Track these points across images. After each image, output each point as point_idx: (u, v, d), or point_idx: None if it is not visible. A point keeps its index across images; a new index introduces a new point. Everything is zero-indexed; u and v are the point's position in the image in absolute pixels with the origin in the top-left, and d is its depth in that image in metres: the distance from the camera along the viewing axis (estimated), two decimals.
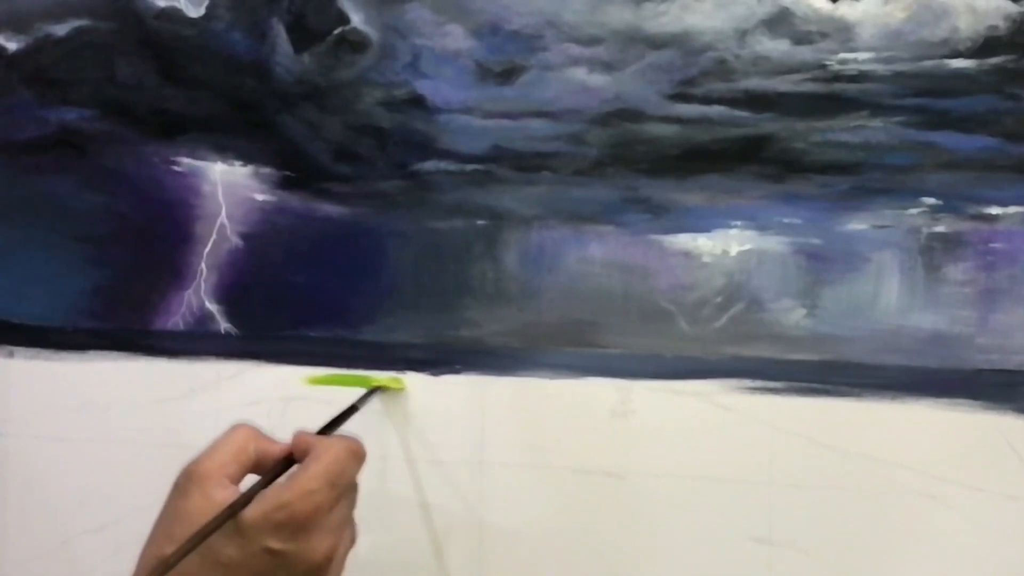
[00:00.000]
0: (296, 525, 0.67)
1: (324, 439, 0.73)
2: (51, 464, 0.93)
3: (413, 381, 0.89)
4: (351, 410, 0.81)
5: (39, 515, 0.93)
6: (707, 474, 0.84)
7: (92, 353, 0.94)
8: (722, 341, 0.84)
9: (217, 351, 0.92)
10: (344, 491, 0.71)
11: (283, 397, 0.91)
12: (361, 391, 0.86)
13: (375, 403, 0.88)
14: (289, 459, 0.72)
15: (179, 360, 0.93)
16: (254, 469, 0.72)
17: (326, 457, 0.70)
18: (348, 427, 0.82)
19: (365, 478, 0.74)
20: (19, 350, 0.95)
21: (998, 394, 0.80)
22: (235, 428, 0.73)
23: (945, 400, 0.81)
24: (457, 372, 0.89)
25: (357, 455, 0.73)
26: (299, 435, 0.74)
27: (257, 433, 0.73)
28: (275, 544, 0.66)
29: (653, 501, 0.85)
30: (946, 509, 0.80)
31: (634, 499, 0.85)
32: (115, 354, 0.94)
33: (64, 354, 0.95)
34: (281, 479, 0.70)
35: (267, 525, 0.66)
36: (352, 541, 0.74)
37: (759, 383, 0.84)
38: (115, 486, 0.92)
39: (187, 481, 0.68)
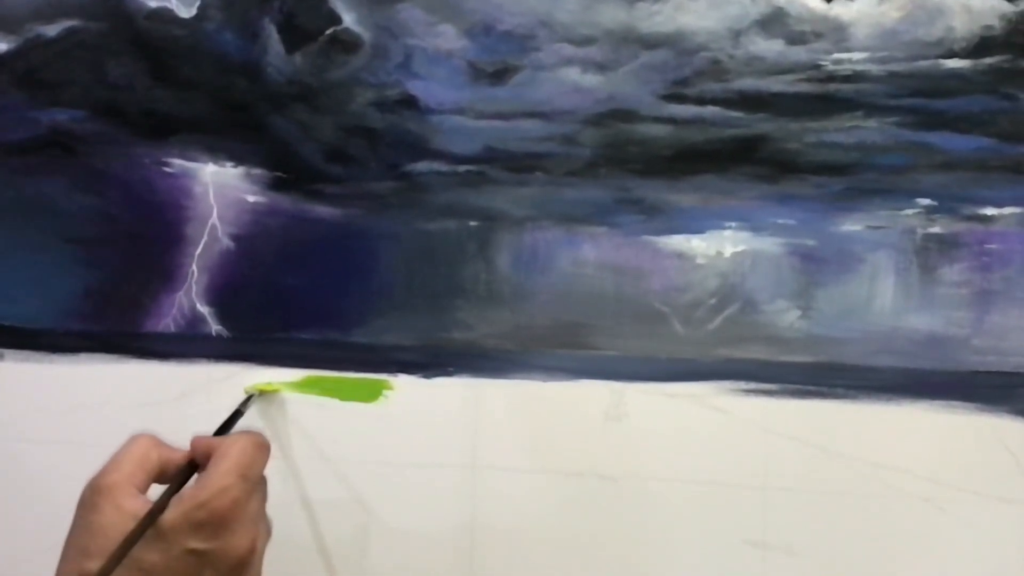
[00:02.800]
0: (216, 522, 0.67)
1: (227, 437, 0.74)
2: (41, 467, 0.92)
3: (405, 383, 0.88)
4: (237, 415, 0.82)
5: (29, 518, 0.91)
6: (701, 477, 0.84)
7: (83, 355, 0.92)
8: (716, 343, 0.83)
9: (208, 353, 0.91)
10: (256, 484, 0.71)
11: (275, 400, 0.89)
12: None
13: (368, 406, 0.87)
14: (192, 464, 0.72)
15: (170, 362, 0.91)
16: (159, 478, 0.72)
17: (233, 452, 0.70)
18: (355, 431, 0.85)
19: (359, 481, 0.73)
20: (9, 352, 0.94)
21: (994, 396, 0.79)
22: (135, 438, 0.73)
23: (940, 402, 0.80)
24: (450, 374, 0.87)
25: (263, 447, 0.73)
26: (197, 439, 0.74)
27: (158, 441, 0.73)
28: (197, 544, 0.66)
29: (647, 504, 0.84)
30: (941, 512, 0.80)
31: (628, 502, 0.85)
32: (106, 356, 0.92)
33: (54, 356, 0.93)
34: (190, 482, 0.70)
35: (187, 526, 0.66)
36: (268, 534, 0.74)
37: (753, 385, 0.83)
38: None
39: (95, 495, 0.68)
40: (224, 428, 0.79)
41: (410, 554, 0.87)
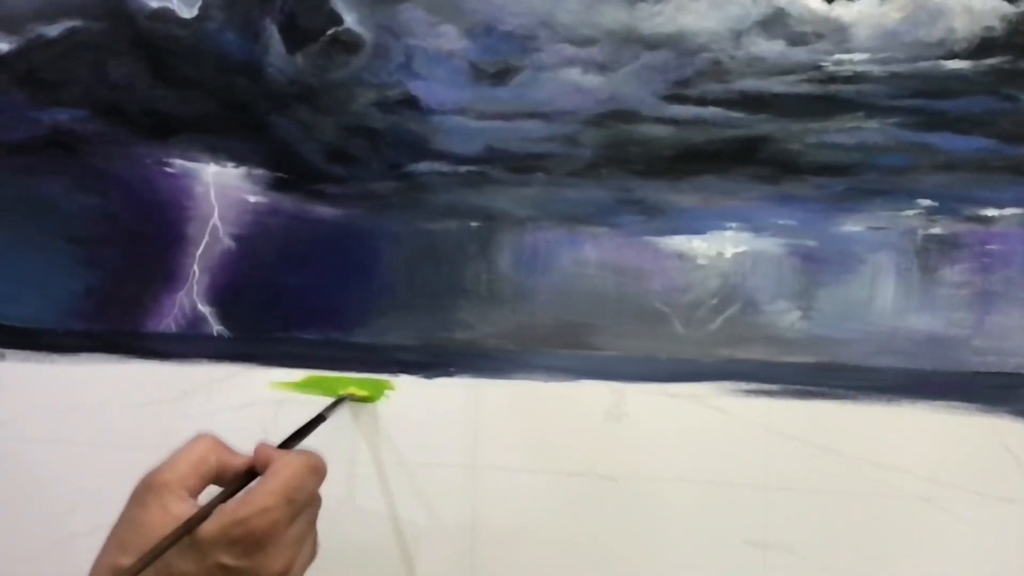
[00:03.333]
0: (252, 541, 0.66)
1: (284, 454, 0.72)
2: (42, 466, 0.92)
3: (406, 383, 0.88)
4: (318, 419, 0.81)
5: (30, 517, 0.91)
6: (701, 477, 0.83)
7: (83, 355, 0.93)
8: (717, 343, 0.83)
9: (209, 353, 0.91)
10: (302, 507, 0.70)
11: (276, 400, 0.89)
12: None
13: (369, 406, 0.87)
14: (251, 472, 0.71)
15: (171, 362, 0.91)
16: (215, 481, 0.71)
17: (284, 473, 0.69)
18: (353, 428, 0.83)
19: (360, 480, 0.73)
20: (10, 352, 0.94)
21: (994, 396, 0.79)
22: (198, 438, 0.72)
23: (941, 403, 0.80)
24: (451, 374, 0.87)
25: (317, 470, 0.72)
26: (261, 448, 0.72)
27: (219, 444, 0.72)
28: (230, 560, 0.66)
29: (647, 504, 0.84)
30: (941, 512, 0.80)
31: (628, 502, 0.84)
32: (107, 356, 0.92)
33: (55, 356, 0.93)
34: (240, 493, 0.69)
35: (223, 541, 0.65)
36: (312, 555, 0.73)
37: (754, 386, 0.83)
38: (107, 489, 0.86)
39: (146, 492, 0.67)
40: (299, 435, 0.78)
41: (411, 553, 0.87)
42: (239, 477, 0.70)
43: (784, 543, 0.82)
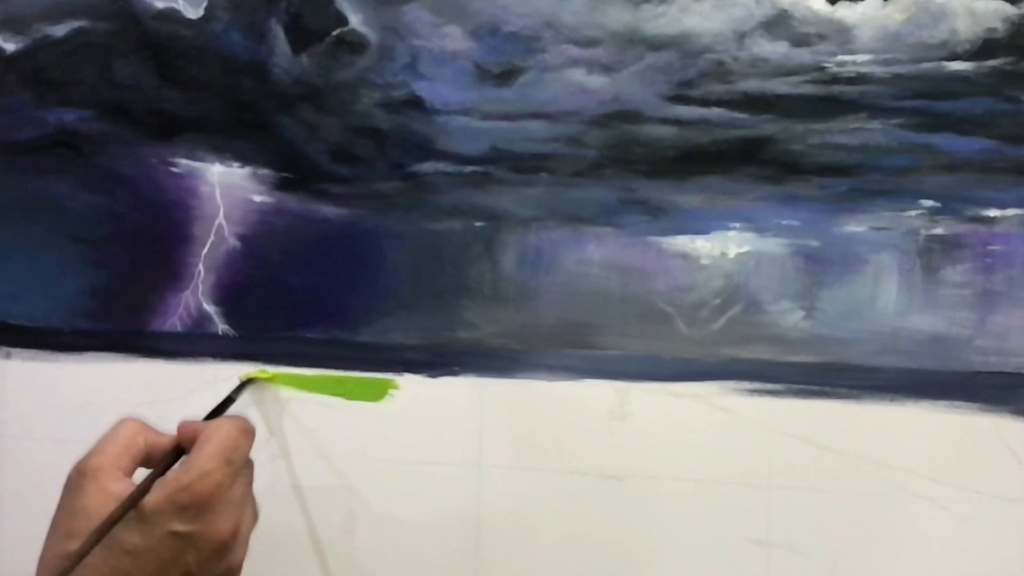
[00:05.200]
0: (198, 505, 0.67)
1: (212, 422, 0.74)
2: (48, 465, 0.89)
3: (411, 382, 0.88)
4: (228, 401, 0.82)
5: (36, 516, 0.90)
6: (705, 476, 0.83)
7: (89, 354, 0.93)
8: (720, 343, 0.83)
9: (215, 352, 0.91)
10: (240, 468, 0.71)
11: (281, 398, 0.89)
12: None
13: (374, 405, 0.87)
14: (178, 449, 0.72)
15: (176, 361, 0.91)
16: (144, 462, 0.72)
17: (218, 436, 0.70)
18: (358, 428, 0.85)
19: (365, 479, 0.72)
20: (16, 351, 0.94)
21: (996, 396, 0.79)
22: (122, 422, 0.73)
23: (943, 402, 0.80)
24: (455, 374, 0.87)
25: (247, 432, 0.73)
26: (184, 424, 0.74)
27: (145, 426, 0.73)
28: (179, 527, 0.66)
29: (651, 503, 0.84)
30: (944, 511, 0.79)
31: (632, 501, 0.84)
32: (112, 355, 0.92)
33: (61, 355, 0.93)
34: (175, 466, 0.70)
35: (169, 508, 0.66)
36: (254, 518, 0.74)
37: (757, 385, 0.82)
38: None
39: (80, 477, 0.68)
40: (214, 414, 0.79)
41: (415, 551, 0.87)
42: (168, 454, 0.71)
43: (787, 541, 0.82)
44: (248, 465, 0.73)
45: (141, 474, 0.69)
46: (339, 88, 0.87)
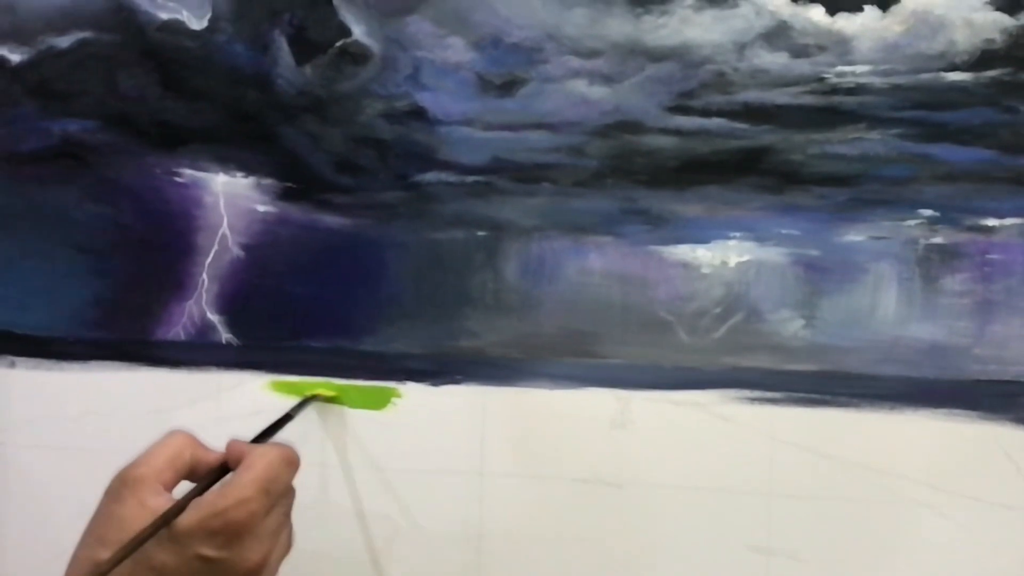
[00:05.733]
0: (230, 533, 0.66)
1: (258, 447, 0.72)
2: (52, 474, 0.93)
3: (413, 391, 0.87)
4: (285, 419, 0.81)
5: (39, 525, 0.92)
6: (706, 484, 0.83)
7: (93, 363, 0.92)
8: (721, 351, 0.83)
9: (218, 361, 0.90)
10: (278, 498, 0.70)
11: (284, 407, 0.85)
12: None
13: (376, 413, 0.87)
14: (224, 467, 0.71)
15: (181, 370, 0.91)
16: (189, 476, 0.71)
17: (259, 464, 0.69)
18: (363, 438, 0.85)
19: (367, 488, 0.72)
20: (21, 360, 0.93)
21: (995, 404, 0.79)
22: (172, 434, 0.72)
23: (942, 410, 0.80)
24: (457, 382, 0.87)
25: (291, 462, 0.72)
26: (233, 444, 0.72)
27: (194, 440, 0.72)
28: (208, 551, 0.65)
29: (652, 511, 0.84)
30: (943, 519, 0.80)
31: (633, 509, 0.84)
32: (116, 364, 0.92)
33: (65, 364, 0.93)
34: (215, 487, 0.69)
35: (201, 532, 0.65)
36: (287, 547, 0.73)
37: (758, 393, 0.82)
38: None
39: (121, 486, 0.67)
40: (270, 431, 0.78)
41: (418, 560, 0.87)
42: (212, 472, 0.70)
43: (787, 549, 0.81)
44: (287, 494, 0.72)
45: (183, 487, 0.69)
46: (342, 99, 0.87)
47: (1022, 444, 0.78)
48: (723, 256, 0.82)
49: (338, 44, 0.87)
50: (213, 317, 0.90)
